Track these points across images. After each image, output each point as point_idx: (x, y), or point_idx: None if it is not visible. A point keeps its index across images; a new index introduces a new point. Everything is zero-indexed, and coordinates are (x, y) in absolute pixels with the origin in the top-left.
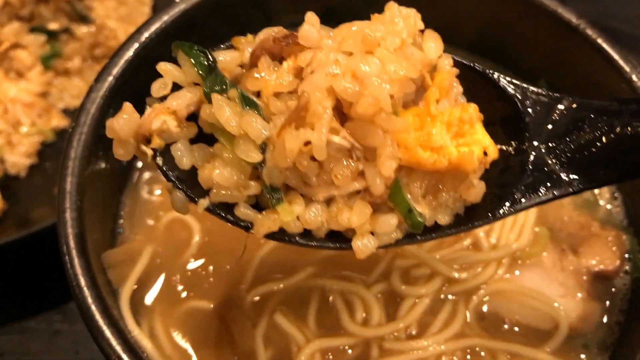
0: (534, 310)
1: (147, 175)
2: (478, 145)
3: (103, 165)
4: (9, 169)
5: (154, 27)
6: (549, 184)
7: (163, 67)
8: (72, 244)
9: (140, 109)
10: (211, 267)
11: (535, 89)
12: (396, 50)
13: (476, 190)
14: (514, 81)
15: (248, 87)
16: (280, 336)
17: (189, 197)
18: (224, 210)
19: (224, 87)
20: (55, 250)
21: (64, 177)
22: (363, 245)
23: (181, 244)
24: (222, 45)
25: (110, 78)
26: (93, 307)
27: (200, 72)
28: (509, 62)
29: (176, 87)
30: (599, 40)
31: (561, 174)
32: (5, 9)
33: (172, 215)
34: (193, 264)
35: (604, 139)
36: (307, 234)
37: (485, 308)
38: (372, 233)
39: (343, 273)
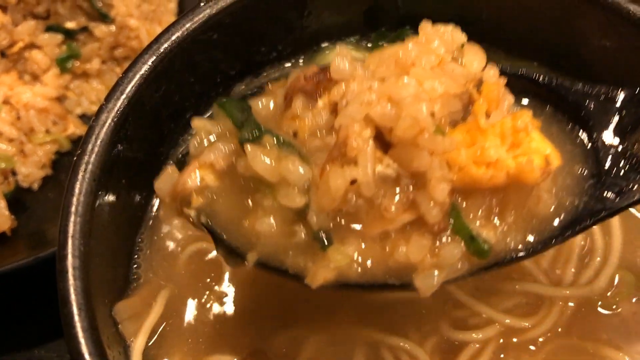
0: None
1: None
2: (537, 154)
3: (114, 200)
4: (21, 181)
5: (174, 36)
6: (626, 187)
7: (197, 122)
8: (73, 298)
9: (161, 131)
10: (231, 312)
11: (591, 86)
12: (434, 69)
13: (547, 203)
14: (566, 81)
15: (284, 129)
16: None
17: (238, 253)
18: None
19: (258, 133)
20: None
21: (67, 215)
22: (426, 282)
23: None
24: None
25: (123, 97)
26: None
27: (233, 121)
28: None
29: None
30: None
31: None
32: (19, 6)
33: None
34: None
35: None
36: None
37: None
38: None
39: (388, 324)
